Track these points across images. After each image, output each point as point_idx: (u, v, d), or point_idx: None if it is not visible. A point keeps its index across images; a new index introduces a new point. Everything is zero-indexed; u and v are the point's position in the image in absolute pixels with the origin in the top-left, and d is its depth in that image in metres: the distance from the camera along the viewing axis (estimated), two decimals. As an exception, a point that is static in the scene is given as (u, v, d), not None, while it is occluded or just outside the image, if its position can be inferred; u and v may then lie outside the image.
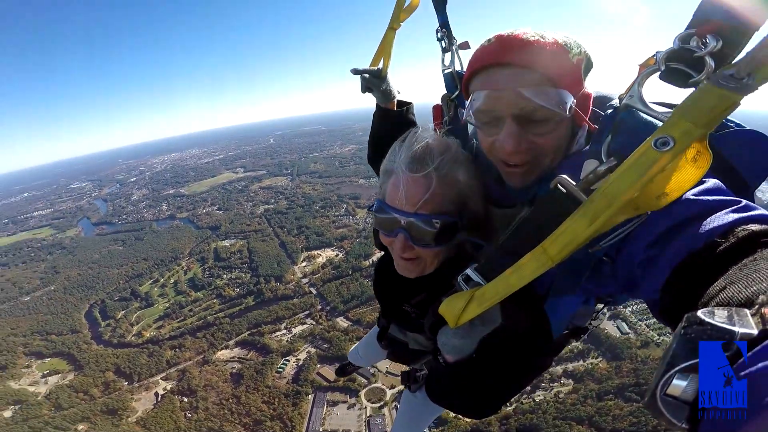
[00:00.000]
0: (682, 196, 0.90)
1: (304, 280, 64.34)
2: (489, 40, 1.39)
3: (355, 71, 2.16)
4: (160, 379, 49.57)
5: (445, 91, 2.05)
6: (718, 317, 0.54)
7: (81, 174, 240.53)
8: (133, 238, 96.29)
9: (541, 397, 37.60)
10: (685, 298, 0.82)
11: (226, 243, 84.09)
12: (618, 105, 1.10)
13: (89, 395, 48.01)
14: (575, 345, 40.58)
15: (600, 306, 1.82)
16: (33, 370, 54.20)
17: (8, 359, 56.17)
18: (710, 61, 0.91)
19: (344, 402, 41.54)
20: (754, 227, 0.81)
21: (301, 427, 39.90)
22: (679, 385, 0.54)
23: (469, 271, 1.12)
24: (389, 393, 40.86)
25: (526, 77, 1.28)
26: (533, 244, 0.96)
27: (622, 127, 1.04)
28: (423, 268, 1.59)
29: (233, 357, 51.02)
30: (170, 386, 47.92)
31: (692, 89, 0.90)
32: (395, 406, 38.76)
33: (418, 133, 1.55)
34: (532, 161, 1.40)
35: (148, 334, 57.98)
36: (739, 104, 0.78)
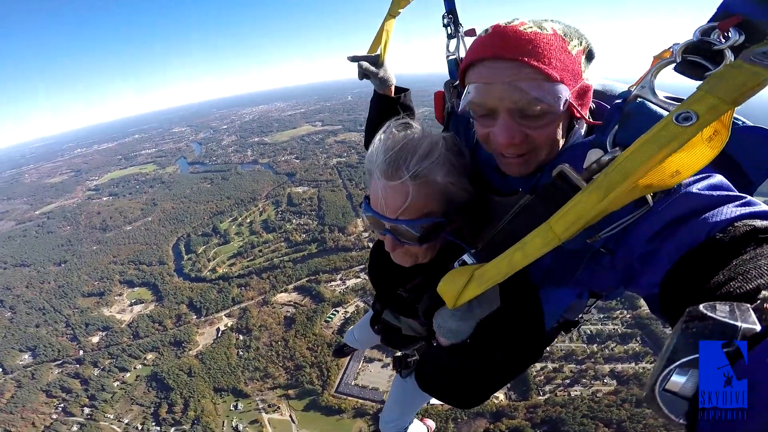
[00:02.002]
0: (685, 189, 0.85)
1: (365, 234, 60.87)
2: (486, 30, 1.25)
3: (353, 58, 1.99)
4: (224, 315, 49.60)
5: (449, 78, 1.90)
6: (720, 312, 0.52)
7: (182, 120, 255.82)
8: (220, 178, 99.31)
9: (578, 393, 33.60)
10: (684, 293, 0.77)
11: (299, 189, 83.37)
12: (627, 96, 1.04)
13: (163, 326, 49.27)
14: (631, 346, 36.42)
15: (592, 300, 1.71)
16: (123, 298, 56.93)
17: (106, 286, 59.56)
18: (730, 55, 0.84)
19: (380, 360, 38.93)
20: (757, 223, 0.76)
21: (336, 378, 38.62)
22: (678, 380, 0.51)
23: (465, 257, 1.06)
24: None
25: (520, 71, 1.13)
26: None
27: (630, 118, 0.95)
28: (416, 259, 1.48)
29: (290, 301, 49.83)
30: (231, 323, 47.74)
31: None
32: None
33: (393, 131, 1.39)
34: (527, 153, 1.25)
35: (221, 271, 58.46)
36: None
